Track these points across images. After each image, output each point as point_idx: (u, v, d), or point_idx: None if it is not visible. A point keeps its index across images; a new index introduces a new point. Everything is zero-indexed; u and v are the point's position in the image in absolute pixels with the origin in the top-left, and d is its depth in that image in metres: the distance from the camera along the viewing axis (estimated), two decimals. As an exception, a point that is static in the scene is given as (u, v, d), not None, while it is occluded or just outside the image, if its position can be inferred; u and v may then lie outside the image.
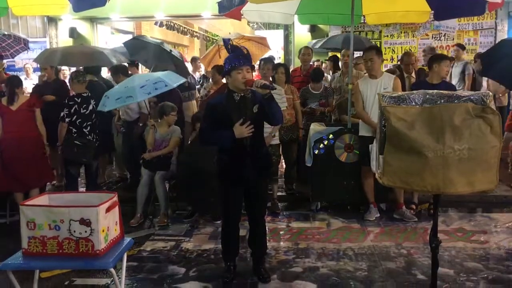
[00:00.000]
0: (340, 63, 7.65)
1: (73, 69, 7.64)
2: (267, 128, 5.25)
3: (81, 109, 5.51)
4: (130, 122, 6.47)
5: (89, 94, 5.73)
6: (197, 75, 9.77)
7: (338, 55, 8.47)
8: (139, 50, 7.49)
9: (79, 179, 6.20)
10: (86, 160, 5.66)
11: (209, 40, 23.70)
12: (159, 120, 5.78)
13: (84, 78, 5.80)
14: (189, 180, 5.40)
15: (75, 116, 5.47)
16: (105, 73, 8.69)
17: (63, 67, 9.17)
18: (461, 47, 8.83)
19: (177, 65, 7.09)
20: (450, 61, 5.44)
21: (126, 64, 7.52)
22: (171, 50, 7.58)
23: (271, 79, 6.02)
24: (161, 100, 6.03)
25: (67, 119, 5.44)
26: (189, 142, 6.10)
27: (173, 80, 5.39)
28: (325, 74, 7.94)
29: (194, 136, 5.80)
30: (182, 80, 5.74)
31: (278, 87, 5.70)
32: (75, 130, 5.48)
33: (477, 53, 9.63)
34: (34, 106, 5.48)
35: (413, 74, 6.94)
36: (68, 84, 6.57)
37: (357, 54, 7.72)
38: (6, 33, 7.96)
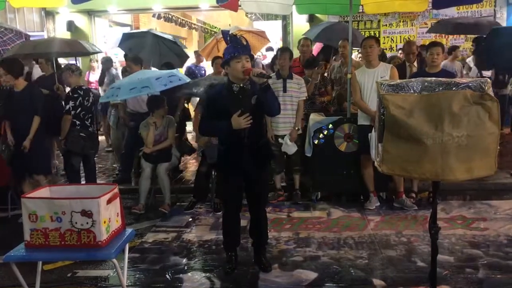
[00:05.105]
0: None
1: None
2: (287, 123, 5.48)
3: (85, 101, 5.51)
4: (143, 113, 6.39)
5: (87, 86, 5.78)
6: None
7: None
8: (128, 38, 8.11)
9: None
10: (94, 151, 5.72)
11: (207, 32, 23.54)
12: (152, 114, 5.76)
13: (80, 71, 5.83)
14: None
15: (79, 109, 5.47)
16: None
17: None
18: None
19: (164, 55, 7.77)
20: (443, 49, 5.41)
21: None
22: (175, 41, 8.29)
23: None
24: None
25: (72, 112, 5.45)
26: None
27: (184, 76, 5.50)
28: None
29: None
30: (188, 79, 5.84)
31: (297, 77, 5.72)
32: (78, 122, 5.48)
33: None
34: None
35: (415, 63, 6.92)
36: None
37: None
38: (6, 27, 7.93)
